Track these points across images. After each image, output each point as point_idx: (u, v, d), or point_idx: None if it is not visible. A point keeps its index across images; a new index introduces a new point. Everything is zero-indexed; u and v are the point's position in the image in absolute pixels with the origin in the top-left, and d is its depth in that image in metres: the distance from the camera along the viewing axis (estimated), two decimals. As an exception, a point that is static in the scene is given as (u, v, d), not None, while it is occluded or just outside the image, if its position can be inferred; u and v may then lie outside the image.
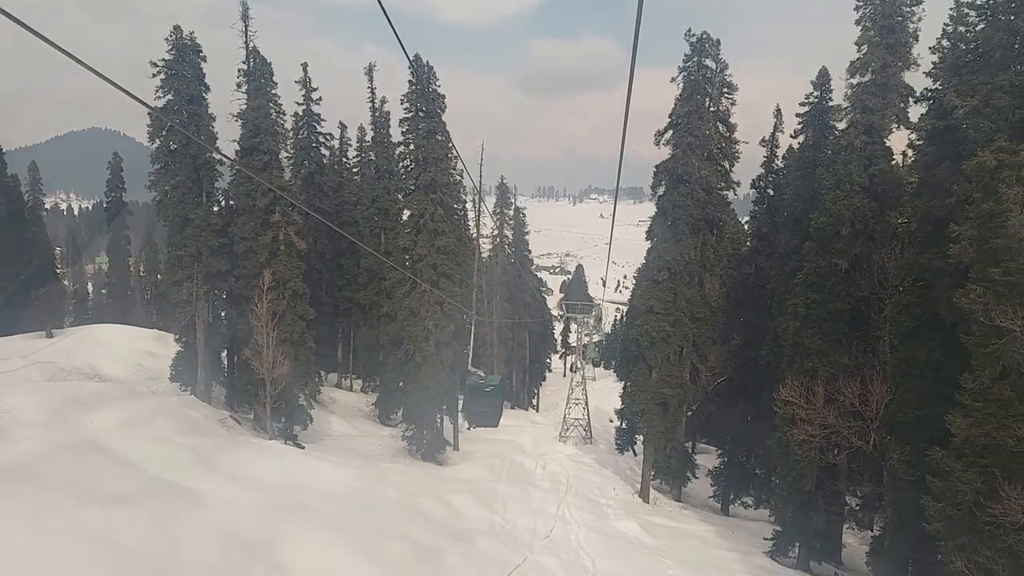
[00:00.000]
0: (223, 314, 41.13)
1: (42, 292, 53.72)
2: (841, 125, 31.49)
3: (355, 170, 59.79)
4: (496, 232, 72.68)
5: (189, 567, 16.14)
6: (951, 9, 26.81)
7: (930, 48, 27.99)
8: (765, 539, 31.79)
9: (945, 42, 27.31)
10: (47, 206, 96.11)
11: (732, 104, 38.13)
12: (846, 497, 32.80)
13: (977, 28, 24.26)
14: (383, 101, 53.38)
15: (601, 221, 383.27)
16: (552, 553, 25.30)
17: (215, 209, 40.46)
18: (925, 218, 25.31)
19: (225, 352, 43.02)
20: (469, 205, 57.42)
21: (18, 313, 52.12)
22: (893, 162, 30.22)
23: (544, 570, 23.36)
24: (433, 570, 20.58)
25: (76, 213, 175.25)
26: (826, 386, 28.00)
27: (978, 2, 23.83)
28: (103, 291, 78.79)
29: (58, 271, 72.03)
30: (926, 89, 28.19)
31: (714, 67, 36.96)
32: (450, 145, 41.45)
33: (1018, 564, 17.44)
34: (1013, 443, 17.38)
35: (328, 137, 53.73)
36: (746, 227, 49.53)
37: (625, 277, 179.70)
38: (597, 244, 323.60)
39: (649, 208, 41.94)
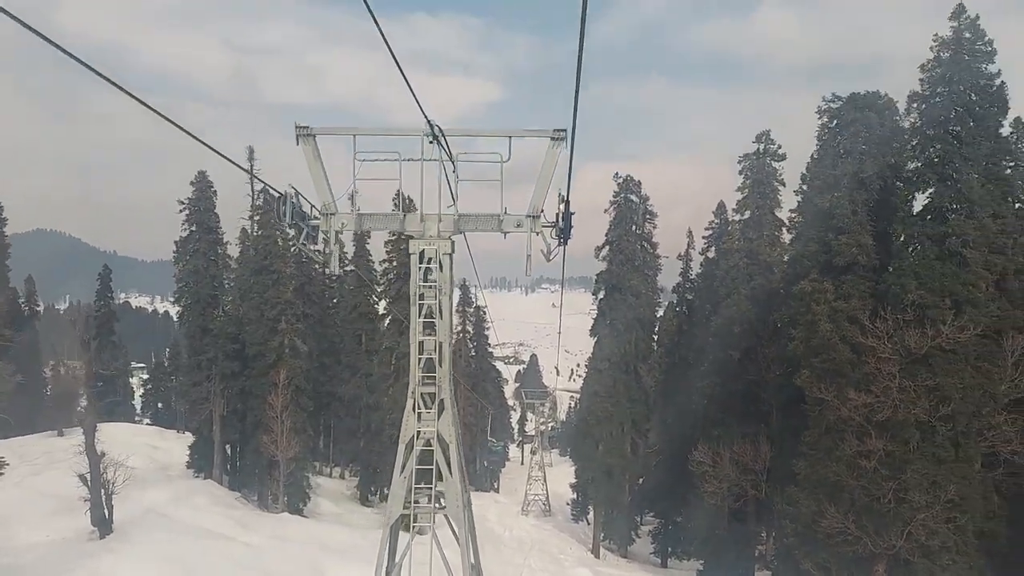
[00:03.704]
0: (236, 408, 48.06)
1: (54, 394, 59.62)
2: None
3: (334, 278, 67.79)
4: (460, 328, 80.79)
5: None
6: (806, 166, 36.76)
7: (794, 191, 37.95)
8: (691, 577, 39.40)
9: (804, 186, 37.21)
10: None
11: (654, 228, 47.83)
12: (759, 539, 40.59)
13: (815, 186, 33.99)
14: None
15: (554, 310, 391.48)
16: (522, 587, 32.61)
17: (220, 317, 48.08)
18: (790, 321, 34.31)
19: (228, 445, 49.70)
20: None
21: (35, 415, 57.95)
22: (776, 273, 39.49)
23: (517, 596, 30.66)
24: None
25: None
26: (729, 449, 36.28)
27: (810, 172, 33.61)
28: (94, 391, 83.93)
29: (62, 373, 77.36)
30: (790, 221, 37.97)
31: (637, 200, 46.78)
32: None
33: (841, 560, 25.60)
34: (833, 477, 25.80)
35: (317, 253, 61.63)
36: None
37: (579, 365, 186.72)
38: (550, 333, 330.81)
39: (601, 298, 50.12)
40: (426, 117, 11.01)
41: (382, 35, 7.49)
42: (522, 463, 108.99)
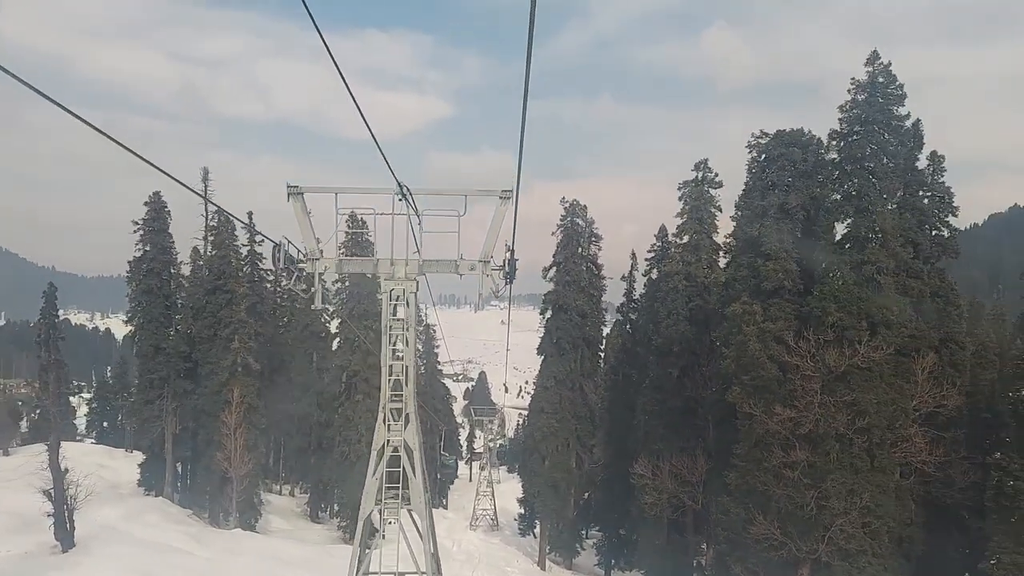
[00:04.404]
0: (187, 426, 48.29)
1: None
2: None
3: (285, 296, 68.20)
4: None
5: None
6: (739, 196, 39.01)
7: (731, 217, 40.18)
8: (633, 587, 41.11)
9: (738, 213, 39.51)
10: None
11: (599, 250, 49.87)
12: (699, 549, 42.50)
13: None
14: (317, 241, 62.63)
15: (503, 327, 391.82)
16: (471, 597, 33.85)
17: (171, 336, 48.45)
18: (725, 340, 36.46)
19: (179, 463, 49.89)
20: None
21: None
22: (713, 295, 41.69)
23: (466, 605, 31.90)
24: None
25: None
26: (669, 462, 38.17)
27: (741, 202, 35.89)
28: (36, 411, 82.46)
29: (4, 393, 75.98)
30: (726, 246, 40.20)
31: (583, 224, 48.79)
32: (380, 280, 51.11)
33: (769, 565, 27.55)
34: (760, 486, 27.79)
35: (268, 272, 62.37)
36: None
37: (527, 383, 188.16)
38: (499, 351, 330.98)
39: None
40: (396, 179, 12.87)
41: (332, 58, 7.51)
42: (471, 480, 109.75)
